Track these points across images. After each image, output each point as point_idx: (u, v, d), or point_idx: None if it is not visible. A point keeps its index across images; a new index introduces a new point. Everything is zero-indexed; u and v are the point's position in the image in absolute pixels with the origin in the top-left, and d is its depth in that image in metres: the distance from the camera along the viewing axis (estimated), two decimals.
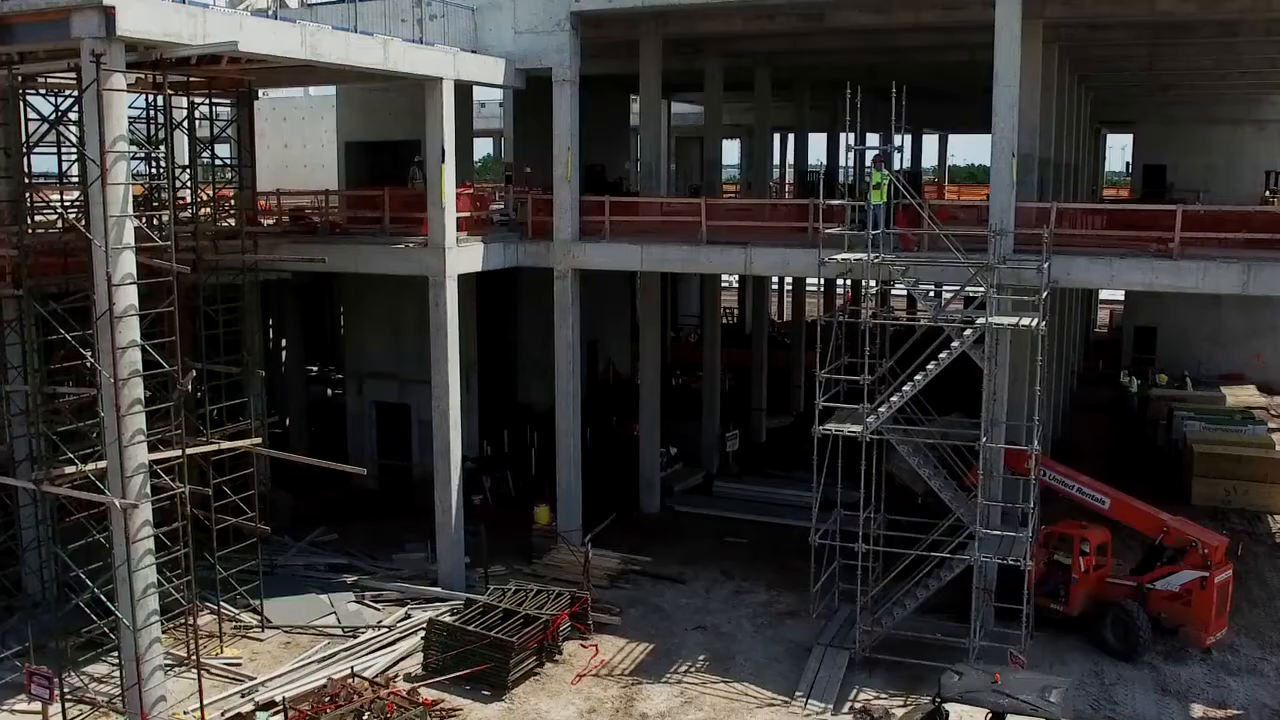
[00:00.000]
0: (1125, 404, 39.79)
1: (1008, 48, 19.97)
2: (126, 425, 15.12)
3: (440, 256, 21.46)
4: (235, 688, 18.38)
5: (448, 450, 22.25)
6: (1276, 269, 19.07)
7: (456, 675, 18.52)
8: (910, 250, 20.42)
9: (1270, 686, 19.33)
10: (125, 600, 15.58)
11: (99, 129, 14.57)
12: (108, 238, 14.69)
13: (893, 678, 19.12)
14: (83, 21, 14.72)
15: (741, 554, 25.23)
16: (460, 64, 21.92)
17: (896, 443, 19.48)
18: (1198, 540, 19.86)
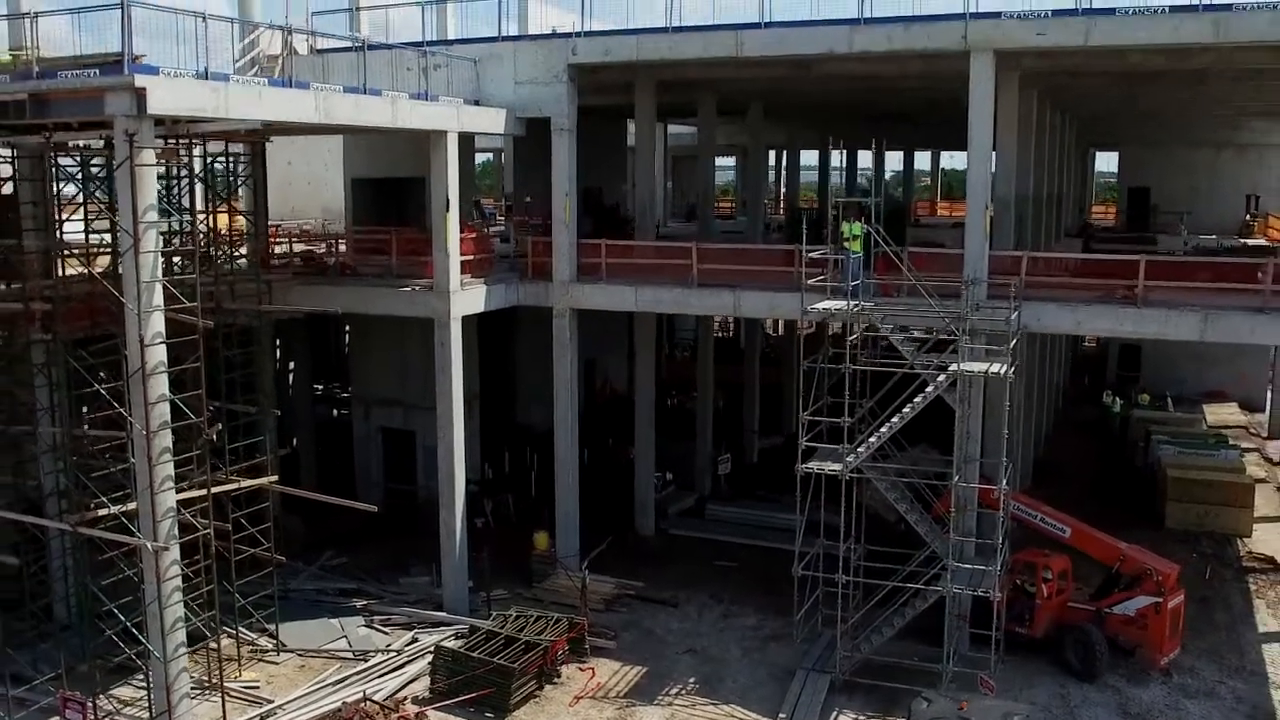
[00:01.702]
0: (1108, 424, 40.89)
1: (980, 107, 21.22)
2: (157, 473, 16.34)
3: (445, 299, 22.70)
4: (255, 710, 19.61)
5: (452, 479, 23.51)
6: (1231, 317, 20.35)
7: (462, 699, 19.74)
8: (890, 296, 21.62)
9: (1225, 709, 20.56)
10: (155, 633, 16.82)
11: (132, 200, 15.76)
12: (140, 300, 15.90)
13: (871, 700, 20.35)
14: (116, 100, 15.95)
15: (732, 577, 26.45)
16: (463, 116, 23.17)
17: (875, 480, 20.71)
18: (1152, 568, 21.16)
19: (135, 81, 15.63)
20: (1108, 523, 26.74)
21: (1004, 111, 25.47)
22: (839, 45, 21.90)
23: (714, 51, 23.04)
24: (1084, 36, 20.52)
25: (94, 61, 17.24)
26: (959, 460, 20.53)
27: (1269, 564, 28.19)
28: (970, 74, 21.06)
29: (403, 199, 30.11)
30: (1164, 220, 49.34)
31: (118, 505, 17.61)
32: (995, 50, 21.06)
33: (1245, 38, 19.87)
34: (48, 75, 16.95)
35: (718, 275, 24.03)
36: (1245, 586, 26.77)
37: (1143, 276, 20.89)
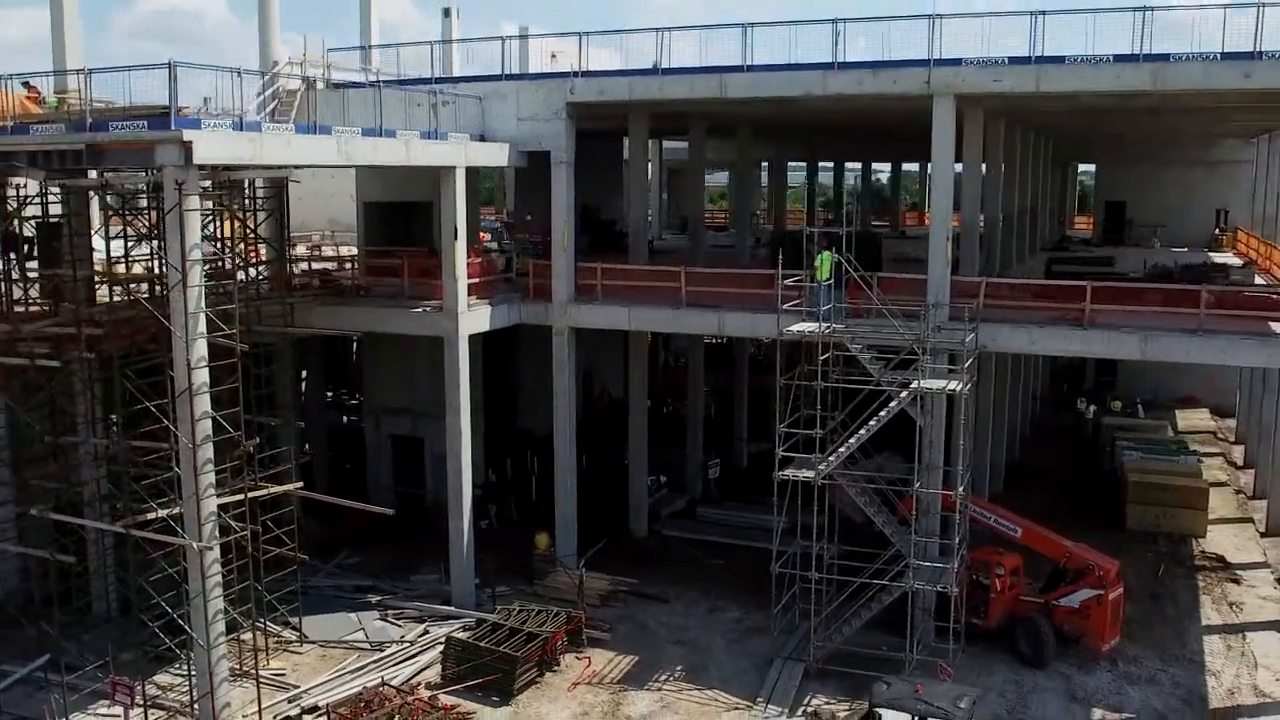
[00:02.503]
0: (1082, 430, 42.90)
1: (943, 146, 23.28)
2: (201, 481, 18.40)
3: (454, 320, 24.77)
4: (282, 695, 21.66)
5: (460, 486, 25.59)
6: (1169, 338, 22.44)
7: (470, 684, 21.81)
8: (861, 318, 23.66)
9: (1164, 694, 22.63)
10: (199, 624, 18.88)
11: (180, 240, 17.82)
12: (187, 329, 17.96)
13: (841, 685, 22.39)
14: (165, 152, 18.00)
15: (719, 575, 28.49)
16: (470, 152, 25.27)
17: (845, 485, 22.78)
18: (1094, 563, 23.31)
19: (184, 135, 17.67)
20: (1073, 524, 29.01)
21: (970, 141, 27.64)
22: (814, 88, 23.99)
23: (700, 93, 25.14)
24: (1035, 83, 22.61)
25: (142, 113, 19.33)
26: (921, 468, 22.59)
27: (1219, 563, 30.26)
28: (933, 116, 23.13)
29: (411, 221, 32.10)
30: (1138, 233, 51.54)
31: (165, 509, 19.60)
32: (956, 94, 23.13)
33: (1180, 86, 21.96)
34: (100, 126, 19.01)
35: (704, 296, 26.11)
36: (1195, 584, 28.82)
37: (1089, 300, 22.97)
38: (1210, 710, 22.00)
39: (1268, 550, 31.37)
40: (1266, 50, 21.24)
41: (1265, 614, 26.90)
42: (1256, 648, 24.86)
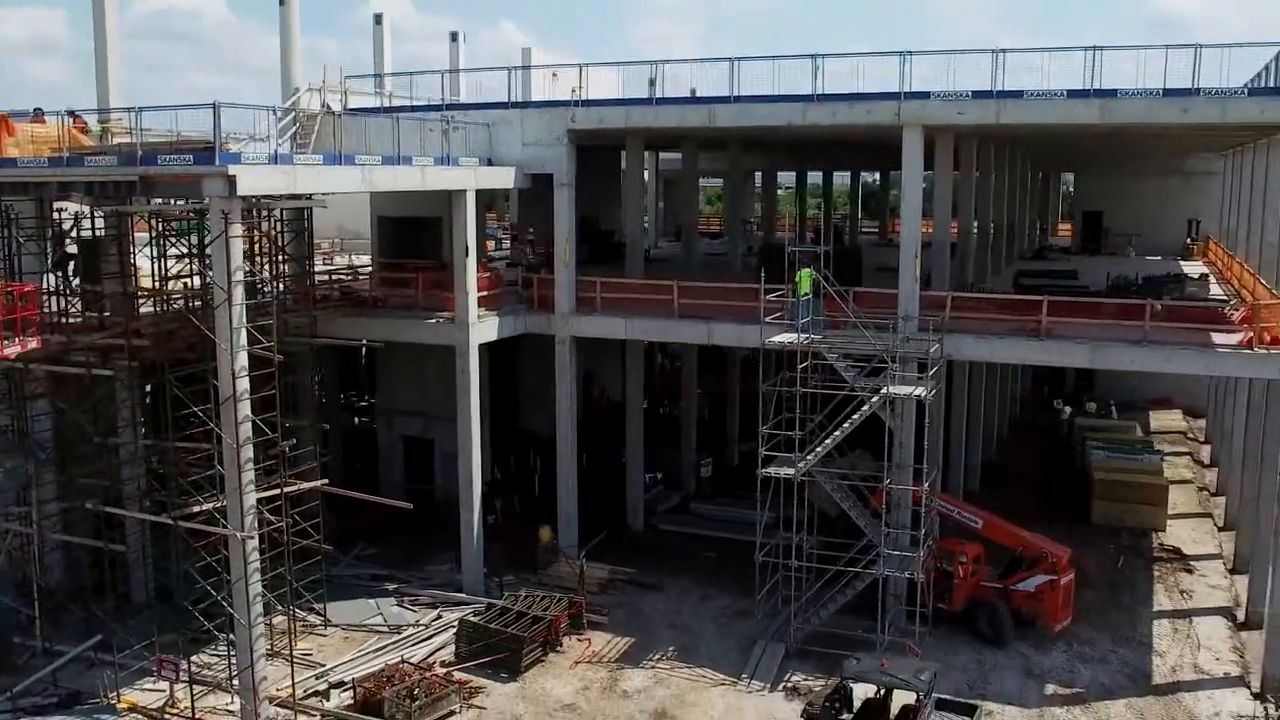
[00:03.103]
0: (1057, 430, 45.13)
1: (912, 174, 25.50)
2: (243, 478, 20.61)
3: (465, 330, 26.99)
4: (310, 672, 23.88)
5: (471, 483, 27.81)
6: (1115, 349, 24.67)
7: (481, 662, 24.04)
8: (839, 329, 25.86)
9: (1112, 672, 24.86)
10: (240, 605, 21.07)
11: (226, 264, 20.02)
12: (232, 342, 20.17)
13: (819, 664, 24.59)
14: (211, 184, 20.18)
15: (710, 566, 30.69)
16: (480, 176, 27.51)
17: (822, 481, 25.01)
18: (1048, 551, 25.55)
19: (228, 170, 19.86)
20: (1044, 519, 31.31)
21: (940, 164, 29.89)
22: (795, 118, 26.22)
23: (690, 122, 27.40)
24: (995, 116, 24.84)
25: (187, 147, 21.55)
26: (891, 466, 24.82)
27: (1175, 554, 32.51)
28: (903, 145, 25.34)
29: (422, 235, 34.29)
30: (1114, 242, 53.82)
31: (209, 503, 21.81)
32: (924, 125, 25.35)
33: (1126, 119, 24.20)
34: (149, 160, 21.17)
35: (695, 308, 28.34)
36: (1151, 574, 31.07)
37: (1045, 314, 25.20)
38: (1152, 686, 24.24)
39: (1223, 543, 33.57)
40: (1203, 87, 23.46)
41: (1213, 600, 29.14)
42: (1201, 631, 27.12)
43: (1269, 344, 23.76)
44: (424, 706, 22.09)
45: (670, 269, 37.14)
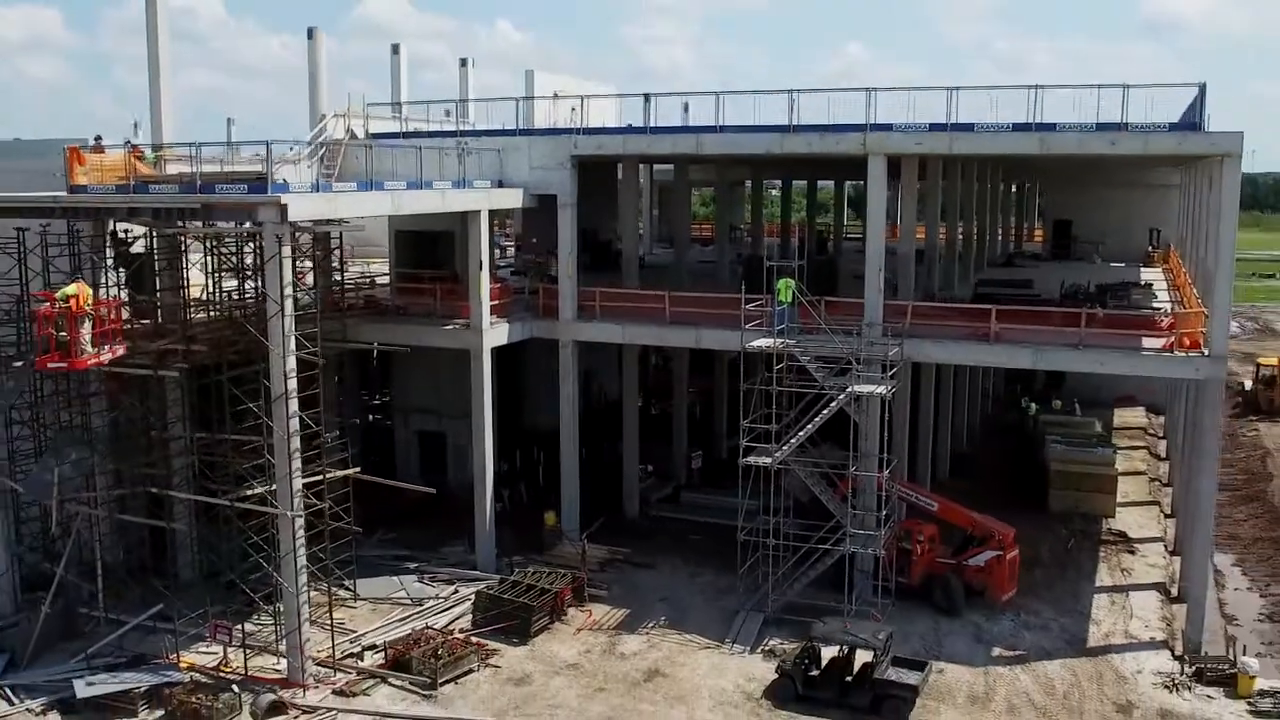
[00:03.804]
0: (1024, 426, 48.40)
1: (877, 198, 28.74)
2: (292, 465, 23.84)
3: (479, 336, 30.21)
4: (344, 638, 27.08)
5: (484, 473, 31.05)
6: (1055, 351, 27.99)
7: (495, 628, 27.28)
8: (810, 334, 29.08)
9: (1052, 637, 28.13)
10: (289, 575, 24.30)
11: (279, 280, 23.23)
12: (284, 346, 23.38)
13: (794, 630, 27.78)
14: (265, 211, 23.40)
15: (698, 547, 33.90)
16: (492, 198, 30.78)
17: (796, 469, 28.28)
18: (995, 531, 28.82)
19: (281, 199, 23.08)
20: (1006, 506, 34.41)
21: (906, 185, 33.16)
22: (773, 147, 29.51)
23: (681, 149, 30.69)
24: (949, 146, 28.14)
25: (241, 178, 24.77)
26: (857, 455, 28.09)
27: (1121, 538, 35.80)
28: (868, 171, 28.60)
29: (435, 247, 37.46)
30: (1082, 249, 57.16)
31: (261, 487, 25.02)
32: (886, 154, 28.60)
33: (1062, 150, 27.53)
34: (207, 189, 24.40)
35: (685, 315, 31.61)
36: (1097, 555, 34.37)
37: (994, 320, 28.48)
38: (1086, 649, 27.53)
39: (1167, 528, 36.90)
40: (1130, 123, 26.74)
41: (1150, 577, 32.44)
42: (1135, 603, 30.42)
43: (1187, 348, 27.06)
44: (447, 664, 25.34)
45: (663, 277, 40.34)
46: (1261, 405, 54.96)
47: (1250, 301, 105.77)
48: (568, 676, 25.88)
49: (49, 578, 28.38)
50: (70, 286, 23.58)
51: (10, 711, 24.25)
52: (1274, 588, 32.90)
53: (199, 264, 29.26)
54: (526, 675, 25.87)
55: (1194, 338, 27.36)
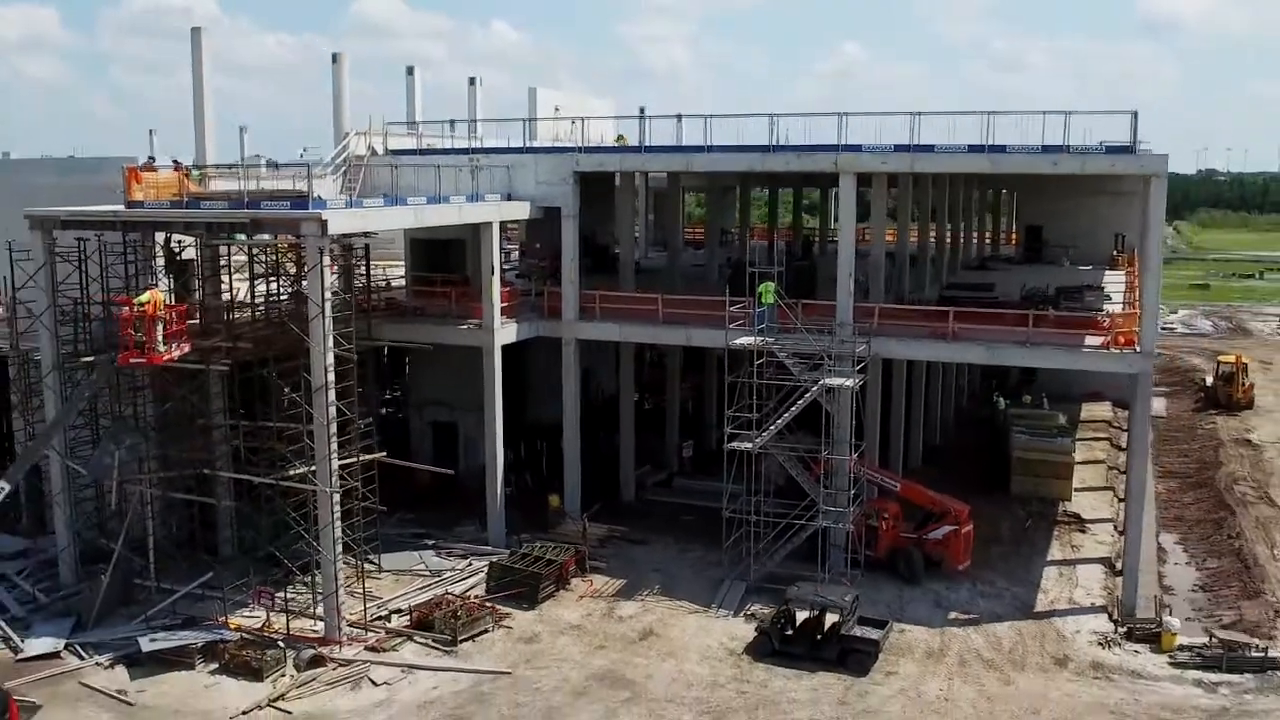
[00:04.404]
0: (995, 418, 51.78)
1: (847, 211, 32.13)
2: (331, 447, 27.18)
3: (491, 334, 33.57)
4: (374, 603, 30.41)
5: (495, 459, 34.42)
6: (1005, 348, 31.41)
7: (506, 594, 30.65)
8: (788, 333, 32.42)
9: (1004, 604, 31.53)
10: (327, 545, 27.65)
11: (320, 286, 26.56)
12: (324, 344, 26.72)
13: (773, 597, 31.08)
14: (307, 226, 26.74)
15: (689, 527, 37.25)
16: (502, 210, 34.16)
17: (775, 453, 31.67)
18: (951, 508, 32.24)
19: (321, 215, 26.43)
20: (973, 490, 37.80)
21: (876, 198, 36.55)
22: (755, 166, 32.94)
23: (673, 167, 34.19)
24: (911, 165, 31.59)
25: (285, 195, 28.12)
26: (829, 441, 31.49)
27: (1075, 519, 39.23)
28: (839, 188, 31.99)
29: (448, 253, 40.79)
30: (1052, 253, 60.59)
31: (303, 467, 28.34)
32: (856, 172, 31.98)
33: (1011, 169, 30.96)
34: (254, 205, 27.74)
35: (676, 316, 34.98)
36: (1051, 533, 37.79)
37: (952, 321, 31.89)
38: (1033, 613, 30.95)
39: (1118, 511, 40.28)
40: (1072, 145, 30.16)
41: (1096, 553, 35.88)
42: (1081, 575, 33.86)
43: (1122, 346, 30.48)
44: (465, 625, 28.73)
45: (657, 280, 43.67)
46: (1221, 400, 58.45)
47: (1227, 301, 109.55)
48: (572, 636, 29.26)
49: (103, 552, 31.80)
50: (145, 294, 26.88)
51: (82, 665, 27.61)
52: (1210, 563, 36.31)
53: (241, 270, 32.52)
54: (535, 635, 29.26)
55: (1129, 336, 30.77)
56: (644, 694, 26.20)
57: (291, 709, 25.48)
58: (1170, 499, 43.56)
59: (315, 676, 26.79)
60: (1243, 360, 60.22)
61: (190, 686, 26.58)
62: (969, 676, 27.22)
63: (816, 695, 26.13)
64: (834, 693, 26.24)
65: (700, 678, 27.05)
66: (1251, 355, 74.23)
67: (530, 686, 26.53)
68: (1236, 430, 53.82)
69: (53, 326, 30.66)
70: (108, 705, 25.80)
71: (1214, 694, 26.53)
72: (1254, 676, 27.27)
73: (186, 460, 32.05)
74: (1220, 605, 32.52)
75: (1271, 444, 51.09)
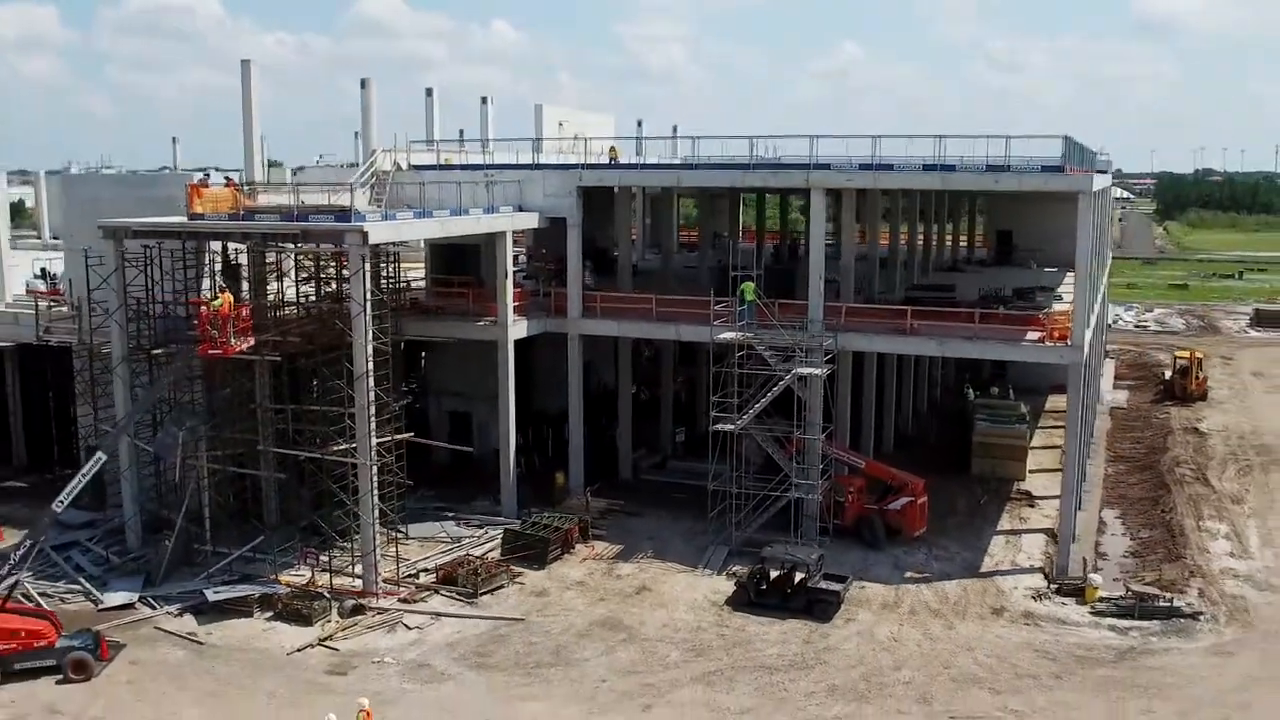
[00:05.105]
0: (964, 408, 56.19)
1: (817, 222, 36.64)
2: (371, 426, 31.71)
3: (504, 330, 38.09)
4: (403, 563, 34.93)
5: (508, 440, 38.94)
6: (955, 341, 35.97)
7: (519, 556, 35.20)
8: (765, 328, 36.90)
9: (954, 566, 36.05)
10: (366, 509, 32.17)
11: (362, 289, 31.07)
12: (366, 338, 31.24)
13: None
14: (351, 237, 31.24)
15: (680, 503, 41.72)
16: (515, 221, 38.70)
17: (754, 433, 36.20)
18: (908, 481, 36.75)
19: (364, 227, 30.95)
20: (938, 470, 42.32)
21: (845, 209, 41.06)
22: (736, 181, 37.48)
23: (664, 183, 38.74)
24: (873, 182, 36.12)
25: (329, 209, 32.65)
26: (802, 424, 36.03)
27: (1026, 496, 43.75)
28: (810, 202, 36.49)
29: (464, 256, 45.25)
30: (1020, 256, 65.07)
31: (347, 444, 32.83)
32: (825, 187, 36.49)
33: (959, 186, 35.50)
34: (302, 218, 32.25)
35: (668, 314, 39.51)
36: (1004, 508, 42.31)
37: (909, 319, 36.41)
38: (978, 573, 35.47)
39: None
40: (1013, 165, 34.68)
41: (1041, 524, 40.37)
42: (1024, 543, 38.40)
43: (1055, 339, 34.99)
44: (484, 580, 33.28)
45: (652, 281, 48.15)
46: (1177, 392, 62.99)
47: (1204, 300, 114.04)
48: (576, 590, 33.81)
49: (163, 522, 36.39)
50: (218, 299, 31.38)
51: (154, 613, 32.14)
52: (1142, 533, 40.84)
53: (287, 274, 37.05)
54: (545, 589, 33.80)
55: (1063, 331, 35.28)
56: (638, 635, 30.75)
57: (338, 647, 30.03)
58: (1118, 479, 48.10)
59: (357, 622, 31.36)
60: (1197, 355, 64.74)
61: (250, 630, 31.11)
62: (917, 623, 31.76)
63: (785, 637, 30.67)
64: (800, 635, 30.78)
65: (686, 623, 31.60)
66: (1215, 351, 79.17)
67: (541, 630, 31.09)
68: (1188, 419, 58.32)
69: (123, 323, 35.14)
70: (181, 645, 30.33)
71: (1124, 636, 31.06)
72: (1160, 623, 31.80)
73: (238, 440, 36.53)
74: (1146, 568, 37.04)
75: (1217, 432, 55.64)
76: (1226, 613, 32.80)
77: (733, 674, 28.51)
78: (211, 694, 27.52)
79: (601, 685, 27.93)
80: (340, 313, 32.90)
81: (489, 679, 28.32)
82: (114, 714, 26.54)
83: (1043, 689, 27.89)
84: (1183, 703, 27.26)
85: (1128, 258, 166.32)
